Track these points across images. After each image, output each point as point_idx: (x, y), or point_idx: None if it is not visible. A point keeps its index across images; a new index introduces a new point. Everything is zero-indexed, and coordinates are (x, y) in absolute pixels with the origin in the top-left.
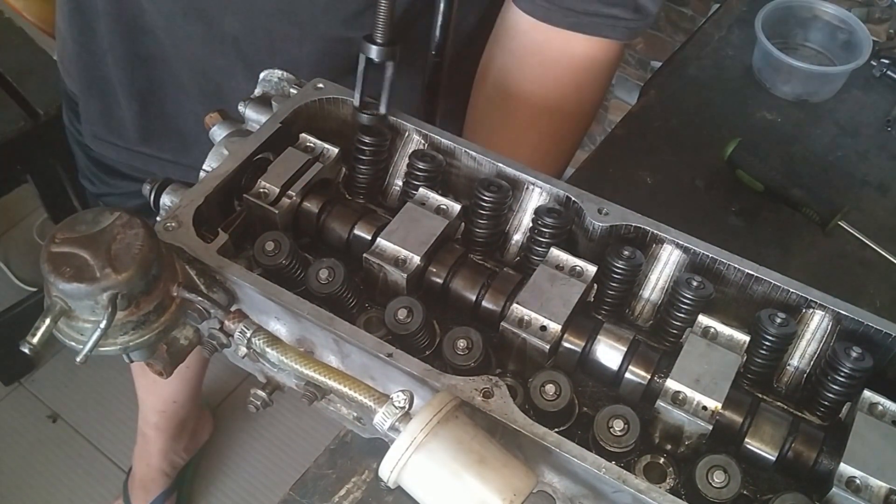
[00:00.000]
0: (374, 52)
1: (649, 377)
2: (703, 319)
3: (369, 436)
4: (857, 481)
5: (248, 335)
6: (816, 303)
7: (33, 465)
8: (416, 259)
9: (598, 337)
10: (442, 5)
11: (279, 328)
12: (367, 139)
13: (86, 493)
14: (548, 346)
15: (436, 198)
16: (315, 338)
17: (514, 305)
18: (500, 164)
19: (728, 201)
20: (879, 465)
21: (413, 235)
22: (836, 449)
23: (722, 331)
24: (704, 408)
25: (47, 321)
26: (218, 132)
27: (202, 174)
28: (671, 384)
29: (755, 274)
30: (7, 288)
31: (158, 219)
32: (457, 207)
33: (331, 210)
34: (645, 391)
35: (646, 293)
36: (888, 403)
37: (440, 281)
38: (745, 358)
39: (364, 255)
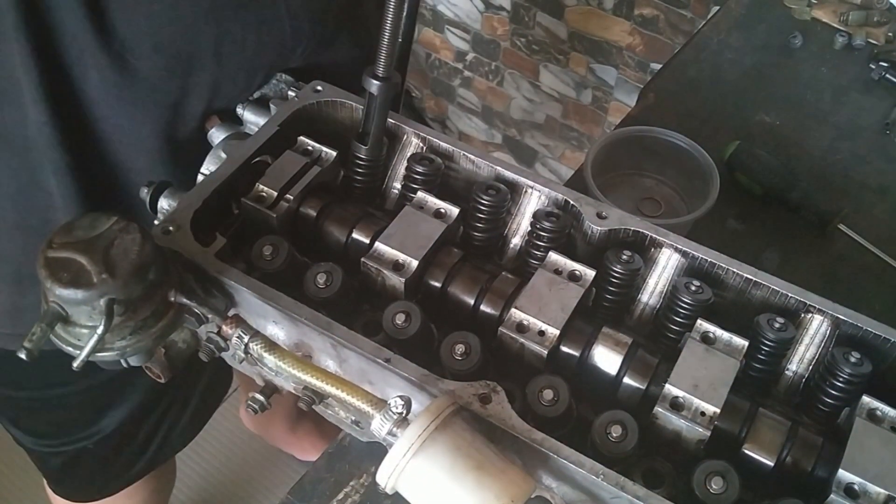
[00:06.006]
0: (374, 87)
1: (647, 382)
2: (701, 324)
3: (367, 440)
4: (856, 487)
5: (246, 340)
6: (815, 307)
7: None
8: (415, 263)
9: (597, 342)
10: None
11: (277, 332)
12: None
13: None
14: (546, 351)
15: (434, 201)
16: (313, 342)
17: (513, 310)
18: (499, 168)
19: (727, 204)
20: (878, 472)
21: (411, 239)
22: (835, 455)
23: (720, 335)
24: (703, 413)
25: (43, 326)
26: (216, 135)
27: (200, 177)
28: (669, 389)
29: (754, 278)
30: None
31: (156, 222)
32: (455, 211)
33: (329, 214)
34: (643, 396)
35: (644, 297)
36: (887, 409)
37: (438, 285)
38: (743, 363)
39: (362, 258)
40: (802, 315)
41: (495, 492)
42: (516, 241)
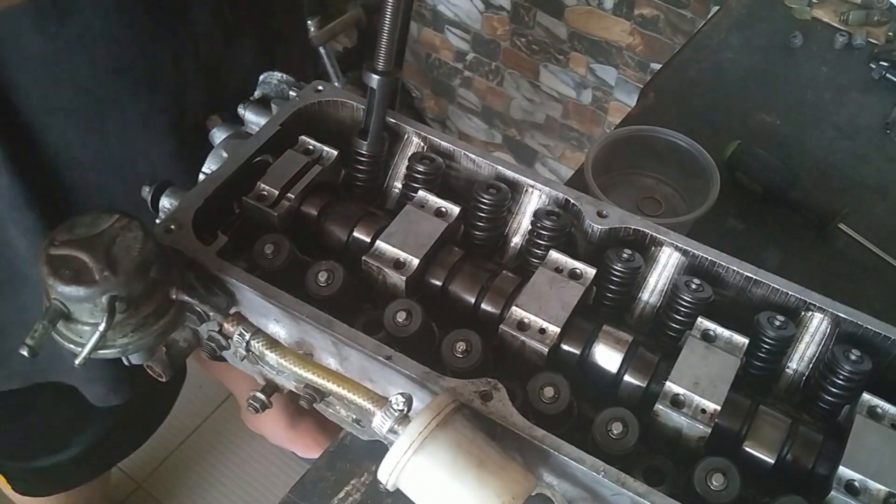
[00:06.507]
0: (374, 81)
1: (648, 380)
2: (702, 322)
3: (368, 438)
4: (856, 484)
5: (247, 338)
6: (815, 305)
7: None
8: (416, 261)
9: (597, 339)
10: None
11: (278, 330)
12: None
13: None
14: (547, 349)
15: (435, 200)
16: (314, 340)
17: (514, 308)
18: (500, 167)
19: (727, 204)
20: (878, 469)
21: (412, 238)
22: (835, 452)
23: (721, 333)
24: (703, 410)
25: (45, 323)
26: (217, 134)
27: (202, 176)
28: (670, 387)
29: (754, 277)
30: None
31: (158, 221)
32: (456, 210)
33: (330, 212)
34: (644, 394)
35: (645, 296)
36: (887, 406)
37: (439, 283)
38: (744, 361)
39: (363, 257)
40: (803, 313)
41: (496, 489)
42: (517, 239)
